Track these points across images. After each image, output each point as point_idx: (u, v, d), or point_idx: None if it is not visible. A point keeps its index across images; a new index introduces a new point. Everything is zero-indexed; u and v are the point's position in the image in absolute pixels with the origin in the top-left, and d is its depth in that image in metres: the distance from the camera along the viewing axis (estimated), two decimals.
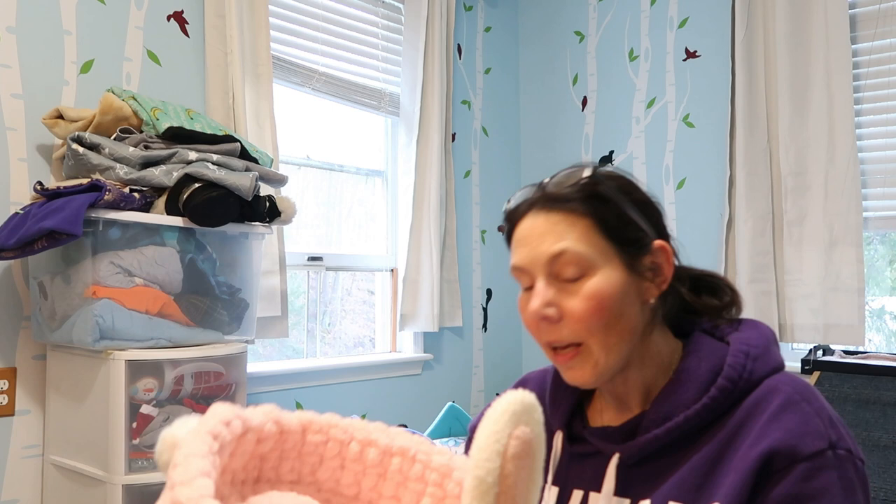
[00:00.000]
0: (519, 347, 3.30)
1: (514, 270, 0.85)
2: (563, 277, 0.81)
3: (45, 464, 1.81)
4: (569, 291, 0.80)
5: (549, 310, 0.80)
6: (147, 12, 2.07)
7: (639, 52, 3.00)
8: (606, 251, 0.81)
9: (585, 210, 0.81)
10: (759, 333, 0.86)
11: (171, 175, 1.68)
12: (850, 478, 0.74)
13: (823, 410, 0.77)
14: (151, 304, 1.68)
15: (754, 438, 0.76)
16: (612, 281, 0.81)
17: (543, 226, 0.82)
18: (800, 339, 2.51)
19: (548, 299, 0.81)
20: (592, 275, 0.80)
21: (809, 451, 0.74)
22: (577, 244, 0.80)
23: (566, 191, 0.82)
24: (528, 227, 0.84)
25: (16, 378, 1.79)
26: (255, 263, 1.95)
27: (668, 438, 0.80)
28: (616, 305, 0.80)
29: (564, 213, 0.82)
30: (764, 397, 0.79)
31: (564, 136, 3.22)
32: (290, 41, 2.48)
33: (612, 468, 0.83)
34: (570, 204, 0.82)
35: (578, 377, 0.83)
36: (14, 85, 1.80)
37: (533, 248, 0.82)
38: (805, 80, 2.50)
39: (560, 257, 0.80)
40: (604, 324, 0.80)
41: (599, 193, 0.82)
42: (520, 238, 0.85)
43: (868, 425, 2.04)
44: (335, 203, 2.76)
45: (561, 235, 0.81)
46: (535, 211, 0.84)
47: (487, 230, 3.19)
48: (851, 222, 2.40)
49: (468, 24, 3.15)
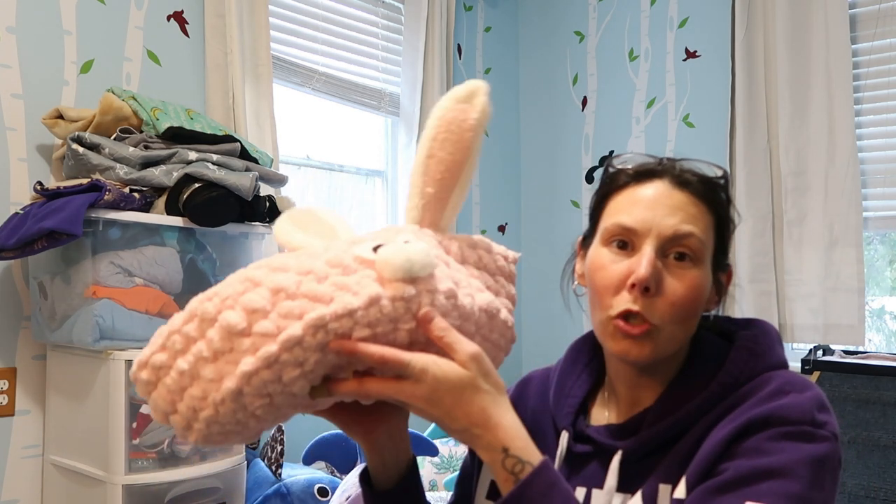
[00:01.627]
0: (519, 347, 3.30)
1: (619, 227, 0.82)
2: (672, 256, 0.80)
3: (44, 464, 1.81)
4: (674, 271, 0.80)
5: (654, 281, 0.79)
6: (147, 12, 2.07)
7: (639, 52, 3.00)
8: (711, 253, 0.83)
9: (712, 207, 0.83)
10: (764, 333, 0.86)
11: (171, 175, 1.68)
12: (821, 456, 0.72)
13: (816, 397, 0.77)
14: (151, 304, 1.68)
15: (736, 416, 0.76)
16: (707, 279, 0.82)
17: (676, 201, 0.81)
18: (800, 339, 2.51)
19: (658, 269, 0.79)
20: (699, 267, 0.81)
21: (787, 419, 0.73)
22: (703, 234, 0.81)
23: (702, 180, 0.83)
24: (657, 194, 0.82)
25: (16, 378, 1.79)
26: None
27: (669, 432, 0.81)
28: (700, 304, 0.82)
29: (695, 200, 0.82)
30: (757, 386, 0.79)
31: (564, 137, 3.22)
32: (290, 41, 2.48)
33: (614, 465, 0.83)
34: (702, 194, 0.82)
35: (636, 352, 0.81)
36: (14, 85, 1.80)
37: (658, 215, 0.80)
38: (805, 80, 2.50)
39: (685, 238, 0.80)
40: (687, 317, 0.80)
41: (726, 198, 0.84)
42: (641, 199, 0.83)
43: (868, 425, 2.04)
44: (335, 203, 2.76)
45: (692, 218, 0.81)
46: (665, 182, 0.83)
47: (487, 230, 3.19)
48: (851, 222, 2.40)
49: (468, 25, 3.15)
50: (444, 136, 0.72)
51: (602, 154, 3.09)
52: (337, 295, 0.61)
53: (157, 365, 0.64)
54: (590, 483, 0.86)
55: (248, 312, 0.60)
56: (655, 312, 0.79)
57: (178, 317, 0.64)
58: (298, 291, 0.61)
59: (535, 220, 3.30)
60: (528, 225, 3.33)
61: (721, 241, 0.84)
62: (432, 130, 0.72)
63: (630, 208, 0.83)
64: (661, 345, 0.80)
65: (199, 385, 0.61)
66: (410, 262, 0.63)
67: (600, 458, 0.86)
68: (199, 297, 0.64)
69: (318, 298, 0.61)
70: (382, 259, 0.63)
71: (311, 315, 0.60)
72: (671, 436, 0.81)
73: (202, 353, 0.61)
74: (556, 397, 0.94)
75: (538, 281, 3.19)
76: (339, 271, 0.63)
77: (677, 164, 0.85)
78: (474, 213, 3.14)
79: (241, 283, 0.63)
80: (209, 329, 0.61)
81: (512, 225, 3.31)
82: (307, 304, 0.60)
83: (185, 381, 0.62)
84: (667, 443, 0.81)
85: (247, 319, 0.60)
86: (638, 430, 0.84)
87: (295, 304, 0.61)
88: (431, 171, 0.73)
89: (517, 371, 3.24)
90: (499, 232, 3.24)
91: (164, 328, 0.65)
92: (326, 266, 0.63)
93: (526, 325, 3.30)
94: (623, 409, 0.88)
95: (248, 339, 0.60)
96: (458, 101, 0.73)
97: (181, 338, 0.63)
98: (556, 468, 0.89)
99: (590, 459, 0.87)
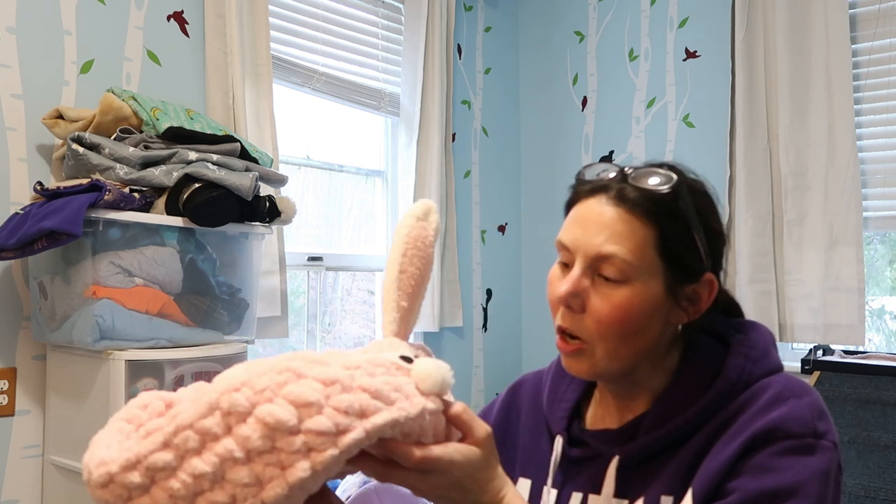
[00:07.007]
0: (519, 347, 3.30)
1: (559, 244, 0.84)
2: (601, 274, 0.80)
3: (45, 464, 1.81)
4: (600, 290, 0.79)
5: (575, 300, 0.80)
6: (147, 12, 2.07)
7: (639, 52, 3.00)
8: (654, 267, 0.80)
9: (653, 222, 0.79)
10: (759, 335, 0.86)
11: (171, 175, 1.68)
12: (825, 469, 0.73)
13: (814, 404, 0.77)
14: (151, 304, 1.68)
15: (739, 428, 0.77)
16: (645, 297, 0.79)
17: (605, 218, 0.80)
18: (800, 339, 2.51)
19: (578, 289, 0.79)
20: (630, 285, 0.79)
21: (791, 432, 0.74)
22: (629, 254, 0.78)
23: (642, 195, 0.80)
24: (589, 211, 0.82)
25: (16, 378, 1.79)
26: (255, 263, 1.95)
27: (667, 439, 0.81)
28: (639, 322, 0.79)
29: (630, 216, 0.80)
30: (755, 394, 0.79)
31: (564, 137, 3.22)
32: (290, 41, 2.48)
33: (611, 470, 0.82)
34: (640, 210, 0.80)
35: (574, 369, 0.83)
36: (14, 85, 1.80)
37: (585, 233, 0.80)
38: (805, 80, 2.50)
39: (606, 259, 0.79)
40: (620, 335, 0.79)
41: (674, 210, 0.80)
42: (577, 217, 0.83)
43: (868, 425, 2.04)
44: (335, 203, 2.76)
45: (617, 237, 0.79)
46: (604, 197, 0.82)
47: (487, 230, 3.19)
48: (851, 222, 2.40)
49: (468, 25, 3.15)
50: (412, 252, 0.77)
51: (602, 154, 3.09)
52: (394, 396, 0.60)
53: (159, 466, 0.54)
54: (586, 488, 0.85)
55: (297, 406, 0.54)
56: (583, 330, 0.80)
57: (186, 410, 0.55)
58: (353, 385, 0.57)
59: (535, 220, 3.30)
60: (528, 225, 3.33)
61: (670, 256, 0.80)
62: (401, 247, 0.77)
63: (570, 226, 0.84)
64: (599, 362, 0.80)
65: (226, 490, 0.54)
66: (444, 381, 0.65)
67: (596, 463, 0.85)
68: (215, 387, 0.55)
69: (378, 396, 0.58)
70: (424, 372, 0.64)
71: (377, 420, 0.56)
72: (669, 442, 0.81)
73: (231, 455, 0.53)
74: (549, 401, 0.94)
75: (538, 281, 3.19)
76: (384, 370, 0.62)
77: (630, 177, 0.82)
78: (474, 213, 3.14)
79: (279, 373, 0.56)
80: (241, 425, 0.53)
81: (512, 225, 3.30)
82: (367, 400, 0.57)
83: (202, 486, 0.54)
84: (665, 449, 0.81)
85: (297, 415, 0.54)
86: (634, 435, 0.83)
87: (353, 397, 0.56)
88: (404, 286, 0.76)
89: (517, 371, 3.24)
90: (499, 232, 3.24)
91: (154, 423, 0.56)
92: (370, 364, 0.61)
93: (526, 325, 3.30)
94: (616, 414, 0.88)
95: (296, 439, 0.53)
96: (419, 218, 0.79)
97: (196, 434, 0.54)
98: (551, 473, 0.89)
99: (585, 464, 0.87)
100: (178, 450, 0.54)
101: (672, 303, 0.81)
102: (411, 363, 0.66)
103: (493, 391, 3.11)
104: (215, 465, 0.53)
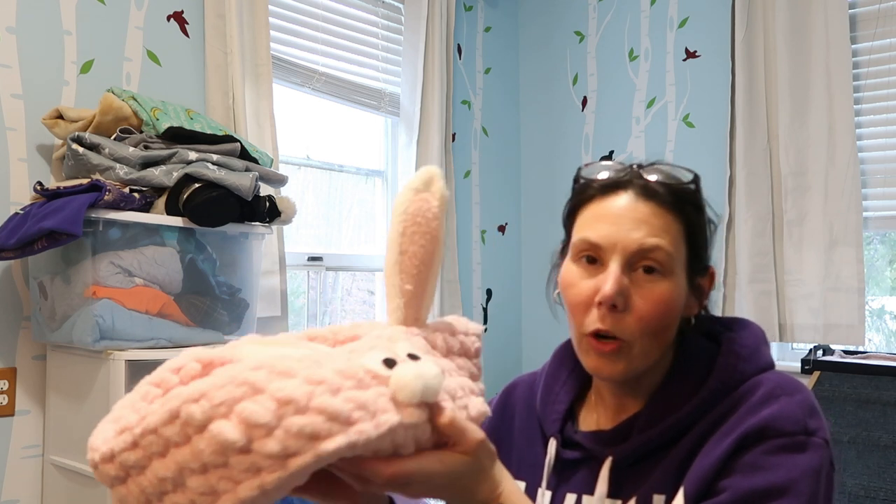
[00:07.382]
0: (519, 348, 3.30)
1: (584, 243, 0.81)
2: (640, 270, 0.79)
3: (45, 464, 1.81)
4: (641, 285, 0.79)
5: (620, 298, 0.78)
6: (147, 12, 2.07)
7: (639, 52, 3.00)
8: (683, 261, 0.81)
9: (681, 215, 0.81)
10: (750, 333, 0.86)
11: (171, 175, 1.68)
12: (817, 467, 0.73)
13: (805, 401, 0.77)
14: (151, 304, 1.68)
15: (731, 426, 0.77)
16: (680, 290, 0.81)
17: (639, 213, 0.80)
18: (800, 339, 2.51)
19: (623, 286, 0.78)
20: (668, 279, 0.79)
21: (782, 430, 0.74)
22: (670, 245, 0.79)
23: (669, 189, 0.81)
24: (621, 207, 0.81)
25: (16, 378, 1.79)
26: (255, 263, 1.95)
27: (660, 439, 0.81)
28: (673, 315, 0.80)
29: (662, 210, 0.80)
30: (747, 391, 0.79)
31: (564, 137, 3.22)
32: (290, 41, 2.48)
33: (605, 471, 0.82)
34: (670, 204, 0.81)
35: (608, 370, 0.81)
36: (14, 85, 1.80)
37: (623, 230, 0.79)
38: (805, 80, 2.50)
39: (651, 252, 0.78)
40: (659, 329, 0.79)
41: (698, 203, 0.82)
42: (603, 214, 0.82)
43: (868, 425, 2.04)
44: (335, 203, 2.76)
45: (658, 231, 0.79)
46: (630, 193, 0.81)
47: (487, 230, 3.19)
48: (851, 222, 2.40)
49: (468, 24, 3.15)
50: (412, 229, 0.70)
51: (602, 154, 3.09)
52: (356, 415, 0.55)
53: (130, 464, 0.56)
54: (580, 489, 0.85)
55: (247, 427, 0.52)
56: (625, 329, 0.78)
57: (154, 412, 0.55)
58: (310, 405, 0.54)
59: (535, 220, 3.30)
60: (528, 225, 3.33)
61: (694, 248, 0.82)
62: (400, 226, 0.70)
63: (595, 223, 0.82)
64: (634, 360, 0.80)
65: (186, 495, 0.55)
66: (427, 389, 0.59)
67: (590, 464, 0.85)
68: (179, 394, 0.54)
69: (335, 417, 0.54)
70: (400, 382, 0.59)
71: (326, 446, 0.53)
72: (662, 442, 0.81)
73: (188, 464, 0.53)
74: (542, 403, 0.94)
75: (538, 281, 3.19)
76: (353, 384, 0.57)
77: (644, 173, 0.83)
78: (474, 213, 3.14)
79: (238, 386, 0.54)
80: (197, 438, 0.53)
81: (512, 225, 3.31)
82: (321, 424, 0.54)
83: (166, 487, 0.55)
84: (658, 449, 0.81)
85: (246, 435, 0.52)
86: (627, 436, 0.83)
87: (306, 420, 0.54)
88: (407, 268, 0.69)
89: (517, 371, 3.24)
90: (499, 232, 3.24)
91: (132, 419, 0.56)
92: (338, 376, 0.57)
93: (526, 325, 3.30)
94: (611, 415, 0.88)
95: (246, 458, 0.53)
96: (418, 191, 0.72)
97: (159, 440, 0.54)
98: (545, 475, 0.89)
99: (579, 465, 0.86)
100: (146, 451, 0.55)
101: (690, 295, 0.83)
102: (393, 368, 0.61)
103: (493, 391, 3.09)
104: (175, 471, 0.54)
